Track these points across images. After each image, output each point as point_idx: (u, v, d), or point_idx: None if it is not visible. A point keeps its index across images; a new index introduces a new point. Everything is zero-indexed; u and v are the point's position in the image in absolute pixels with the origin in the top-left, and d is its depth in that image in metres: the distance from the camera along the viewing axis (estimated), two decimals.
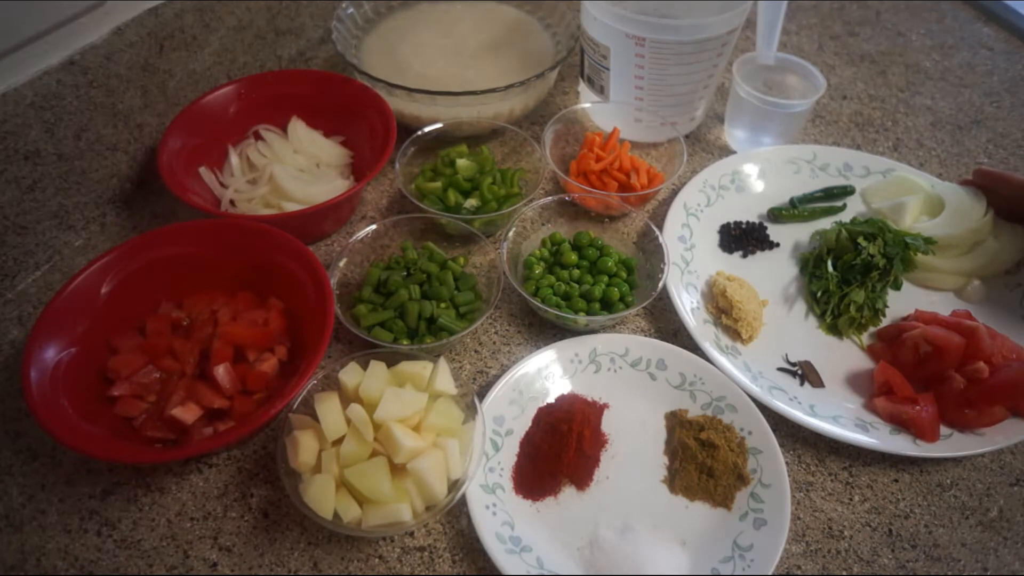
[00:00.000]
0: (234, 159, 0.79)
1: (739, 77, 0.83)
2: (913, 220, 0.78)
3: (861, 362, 0.69)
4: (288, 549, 0.56)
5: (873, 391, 0.66)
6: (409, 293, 0.66)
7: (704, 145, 0.91)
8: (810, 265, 0.75)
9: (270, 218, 0.69)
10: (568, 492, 0.60)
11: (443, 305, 0.67)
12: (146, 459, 0.59)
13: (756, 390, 0.64)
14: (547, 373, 0.65)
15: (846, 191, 0.83)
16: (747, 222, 0.80)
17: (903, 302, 0.73)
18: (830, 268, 0.72)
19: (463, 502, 0.57)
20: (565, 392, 0.65)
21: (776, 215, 0.81)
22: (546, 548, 0.56)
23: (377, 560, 0.56)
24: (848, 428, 0.62)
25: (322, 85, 0.83)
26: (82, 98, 0.72)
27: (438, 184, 0.77)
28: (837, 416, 0.64)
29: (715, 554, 0.56)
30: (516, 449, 0.61)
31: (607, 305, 0.69)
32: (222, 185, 0.78)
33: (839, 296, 0.71)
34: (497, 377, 0.64)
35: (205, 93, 0.80)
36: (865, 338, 0.71)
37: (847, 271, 0.72)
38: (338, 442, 0.55)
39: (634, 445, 0.63)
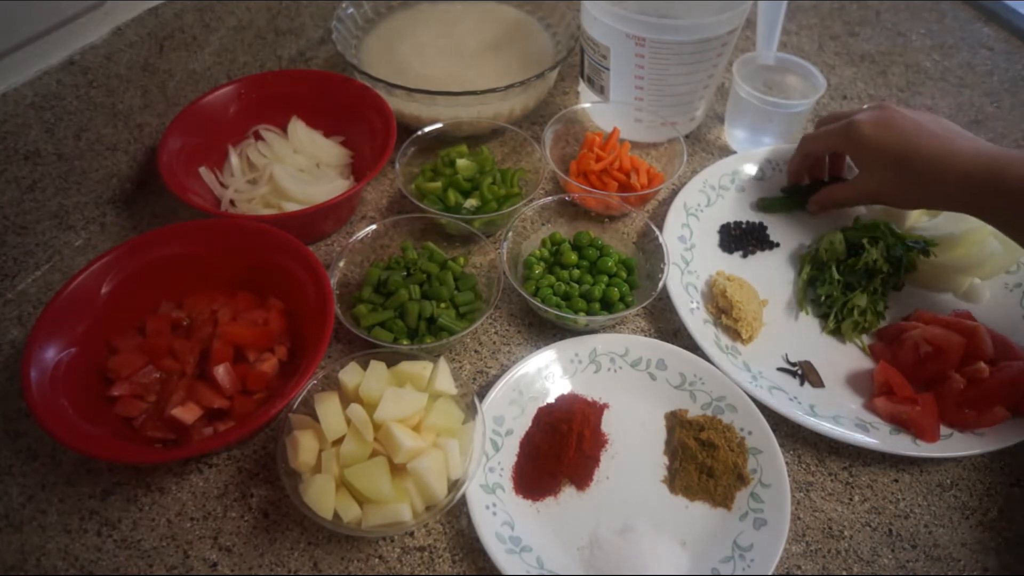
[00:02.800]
0: (234, 159, 0.79)
1: (739, 77, 0.83)
2: (913, 220, 0.78)
3: (861, 362, 0.69)
4: (288, 549, 0.56)
5: (873, 391, 0.66)
6: (409, 293, 0.66)
7: (704, 145, 0.91)
8: (805, 269, 0.75)
9: (270, 218, 0.69)
10: (568, 492, 0.60)
11: (443, 305, 0.67)
12: (146, 459, 0.59)
13: (756, 390, 0.64)
14: (547, 373, 0.65)
15: None
16: (747, 222, 0.80)
17: (903, 302, 0.73)
18: (836, 275, 0.72)
19: (463, 502, 0.57)
20: (565, 392, 0.65)
21: (766, 205, 0.81)
22: (546, 548, 0.56)
23: (377, 560, 0.56)
24: (848, 428, 0.62)
25: (322, 85, 0.83)
26: (82, 98, 0.72)
27: (438, 184, 0.77)
28: (837, 416, 0.64)
29: (715, 554, 0.56)
30: (516, 449, 0.61)
31: (607, 305, 0.69)
32: (222, 185, 0.78)
33: (842, 301, 0.71)
34: (497, 377, 0.64)
35: (205, 93, 0.79)
36: (865, 338, 0.71)
37: (849, 275, 0.72)
38: (338, 442, 0.55)
39: (634, 445, 0.63)
